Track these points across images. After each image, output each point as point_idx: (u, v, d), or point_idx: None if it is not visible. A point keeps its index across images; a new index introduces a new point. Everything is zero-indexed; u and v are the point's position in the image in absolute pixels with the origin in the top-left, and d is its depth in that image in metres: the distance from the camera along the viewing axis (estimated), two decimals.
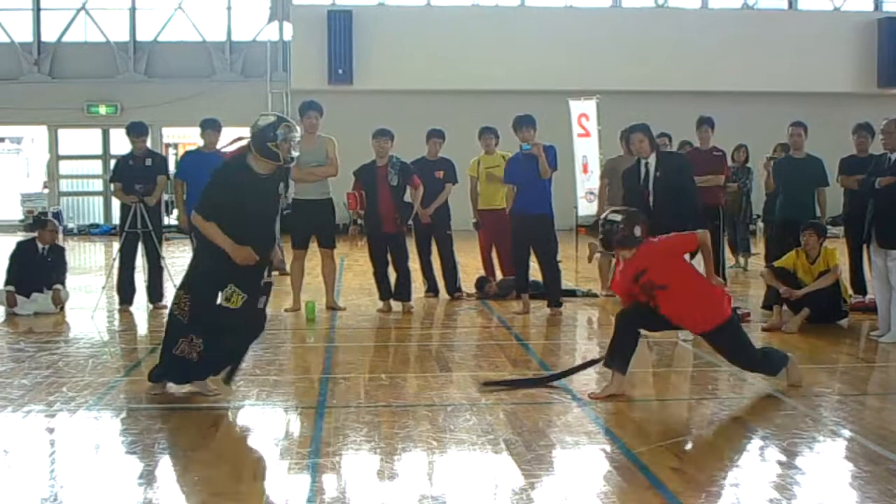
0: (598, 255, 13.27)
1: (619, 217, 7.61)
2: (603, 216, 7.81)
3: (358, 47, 26.36)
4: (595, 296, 13.01)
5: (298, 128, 7.49)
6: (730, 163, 15.45)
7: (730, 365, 7.87)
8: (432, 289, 13.11)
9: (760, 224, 17.31)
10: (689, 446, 6.31)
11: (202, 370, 7.53)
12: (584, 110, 17.42)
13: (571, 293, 12.90)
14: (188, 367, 7.44)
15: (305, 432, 6.68)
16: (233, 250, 7.32)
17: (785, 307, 10.76)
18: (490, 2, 28.34)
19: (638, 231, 7.59)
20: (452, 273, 13.06)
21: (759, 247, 17.25)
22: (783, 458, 6.03)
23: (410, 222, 12.39)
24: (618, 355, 7.63)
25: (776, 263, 11.14)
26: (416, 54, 26.09)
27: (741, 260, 16.42)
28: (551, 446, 6.34)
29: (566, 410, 7.32)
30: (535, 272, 12.08)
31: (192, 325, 7.34)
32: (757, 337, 10.13)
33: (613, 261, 12.29)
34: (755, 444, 6.48)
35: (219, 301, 7.42)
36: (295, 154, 7.42)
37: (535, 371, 8.55)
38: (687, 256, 8.10)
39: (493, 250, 13.41)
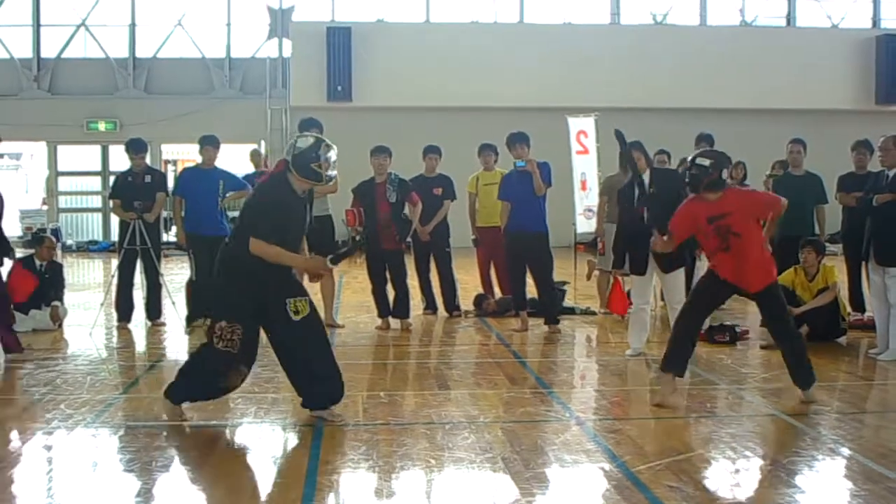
0: (596, 272, 13.27)
1: (707, 161, 7.93)
2: (690, 159, 8.10)
3: (357, 64, 26.41)
4: (594, 313, 13.00)
5: (335, 147, 7.48)
6: (728, 180, 15.44)
7: (729, 383, 7.86)
8: (431, 306, 13.10)
9: None
10: (687, 465, 6.29)
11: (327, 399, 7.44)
12: (582, 127, 17.46)
13: (570, 311, 12.89)
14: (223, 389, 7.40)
15: (303, 450, 6.67)
16: (306, 264, 7.35)
17: None
18: (489, 19, 28.43)
19: (725, 174, 7.97)
20: (451, 290, 13.05)
21: None
22: (782, 476, 6.02)
23: (409, 239, 12.40)
24: (679, 359, 7.95)
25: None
26: (416, 71, 26.14)
27: None
28: (549, 464, 6.33)
29: (564, 429, 7.31)
30: (533, 289, 12.08)
31: (241, 355, 7.18)
32: (756, 355, 10.13)
33: (611, 278, 12.33)
34: (754, 462, 6.47)
35: (293, 318, 7.18)
36: (333, 174, 7.41)
37: (531, 388, 8.52)
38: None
39: (491, 267, 13.40)
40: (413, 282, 12.63)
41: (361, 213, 11.90)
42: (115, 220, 12.90)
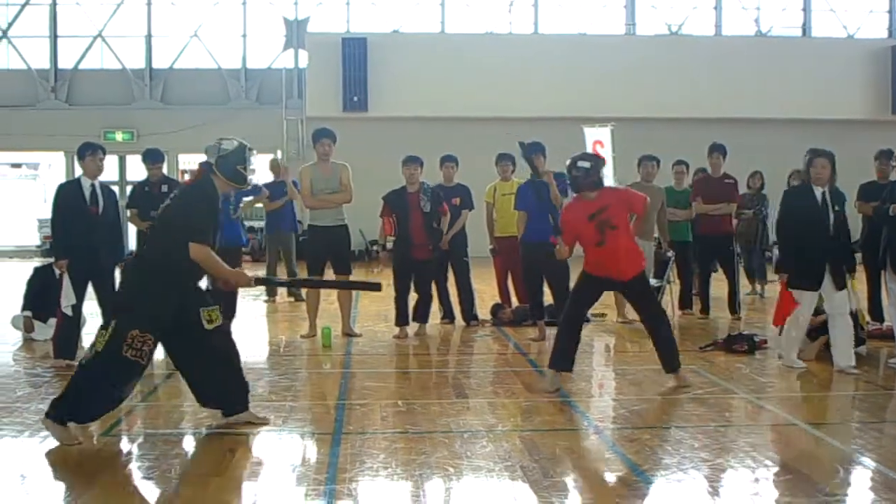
0: None
1: (588, 164, 8.78)
2: (569, 163, 8.83)
3: (372, 75, 26.44)
4: (603, 315, 13.00)
5: (255, 151, 7.54)
6: (745, 189, 15.43)
7: (748, 392, 7.82)
8: (448, 315, 13.09)
9: (776, 251, 17.27)
10: (706, 473, 6.28)
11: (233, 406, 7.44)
12: (598, 137, 17.47)
13: (585, 319, 12.82)
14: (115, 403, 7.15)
15: (322, 458, 6.67)
16: (235, 277, 7.36)
17: None
18: (504, 29, 28.45)
19: (601, 175, 8.90)
20: (469, 300, 13.04)
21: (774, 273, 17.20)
22: (802, 485, 5.99)
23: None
24: (567, 358, 8.87)
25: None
26: (431, 82, 26.14)
27: (758, 287, 16.36)
28: (568, 473, 6.33)
29: (583, 437, 7.32)
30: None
31: (145, 366, 7.00)
32: (774, 364, 10.09)
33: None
34: (773, 471, 6.44)
35: (206, 327, 7.10)
36: (253, 178, 7.47)
37: (549, 397, 8.50)
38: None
39: (508, 277, 13.39)
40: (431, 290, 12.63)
41: (394, 221, 11.95)
42: (132, 230, 12.91)
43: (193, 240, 6.93)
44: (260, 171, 16.74)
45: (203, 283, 7.86)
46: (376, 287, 10.03)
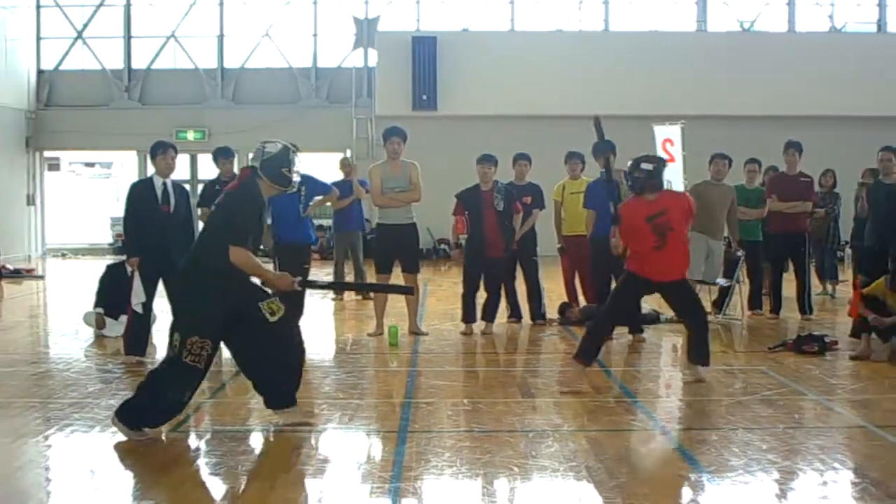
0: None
1: (650, 166, 8.86)
2: (631, 164, 8.95)
3: (442, 73, 26.46)
4: (680, 322, 12.87)
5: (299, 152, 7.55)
6: (817, 188, 15.22)
7: (818, 394, 7.72)
8: (515, 314, 13.06)
9: (848, 250, 17.02)
10: (774, 476, 6.21)
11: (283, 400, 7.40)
12: (668, 135, 17.30)
13: (655, 320, 12.76)
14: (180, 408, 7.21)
15: (387, 456, 6.71)
16: (277, 280, 7.37)
17: (874, 335, 10.53)
18: (574, 27, 28.33)
19: (663, 177, 9.01)
20: (538, 299, 13.00)
21: (846, 273, 16.97)
22: (872, 489, 5.91)
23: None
24: (594, 351, 9.04)
25: (865, 290, 10.92)
26: (501, 80, 26.09)
27: (829, 287, 16.12)
28: (634, 474, 6.29)
29: (649, 438, 7.28)
30: None
31: (204, 371, 7.06)
32: (845, 366, 9.96)
33: (697, 288, 12.16)
34: (843, 475, 6.36)
35: (270, 319, 7.06)
36: (297, 180, 7.47)
37: (616, 397, 8.46)
38: None
39: (576, 276, 13.33)
40: None
41: (467, 220, 11.98)
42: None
43: (233, 242, 6.96)
44: (331, 169, 16.89)
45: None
46: (408, 290, 10.60)
